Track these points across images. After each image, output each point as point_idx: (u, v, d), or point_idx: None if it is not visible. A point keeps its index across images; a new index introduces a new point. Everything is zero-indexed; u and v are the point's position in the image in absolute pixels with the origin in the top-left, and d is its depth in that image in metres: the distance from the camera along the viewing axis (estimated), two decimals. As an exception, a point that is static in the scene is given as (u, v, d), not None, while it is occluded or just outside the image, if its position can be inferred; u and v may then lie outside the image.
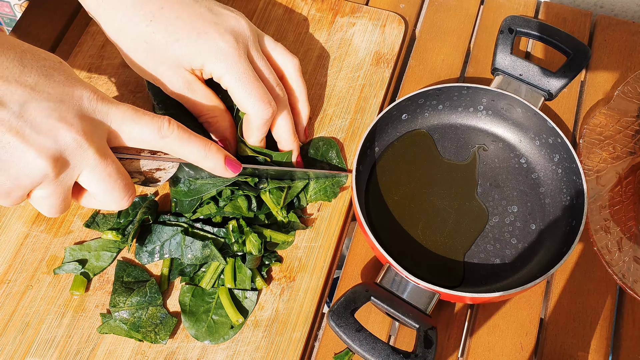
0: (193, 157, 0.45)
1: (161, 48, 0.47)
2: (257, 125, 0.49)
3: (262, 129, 0.50)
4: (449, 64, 0.62)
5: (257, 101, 0.47)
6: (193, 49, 0.47)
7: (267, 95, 0.48)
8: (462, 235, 0.52)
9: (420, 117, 0.56)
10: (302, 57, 0.61)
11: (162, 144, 0.43)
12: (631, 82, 0.57)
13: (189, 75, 0.49)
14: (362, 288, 0.46)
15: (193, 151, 0.45)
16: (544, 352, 0.49)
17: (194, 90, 0.50)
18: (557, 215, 0.52)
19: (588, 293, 0.51)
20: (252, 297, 0.49)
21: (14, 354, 0.47)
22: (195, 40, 0.47)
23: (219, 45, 0.47)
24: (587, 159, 0.54)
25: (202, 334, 0.48)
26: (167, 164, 0.47)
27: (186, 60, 0.48)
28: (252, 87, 0.47)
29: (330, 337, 0.50)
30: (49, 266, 0.51)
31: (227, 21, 0.48)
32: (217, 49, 0.47)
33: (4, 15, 0.76)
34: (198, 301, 0.49)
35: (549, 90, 0.54)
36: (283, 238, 0.51)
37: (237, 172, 0.47)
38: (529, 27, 0.56)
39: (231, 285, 0.49)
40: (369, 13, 0.63)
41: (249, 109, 0.48)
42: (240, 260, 0.49)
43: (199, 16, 0.48)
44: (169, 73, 0.49)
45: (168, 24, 0.47)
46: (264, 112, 0.48)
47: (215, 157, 0.46)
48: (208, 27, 0.47)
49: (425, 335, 0.43)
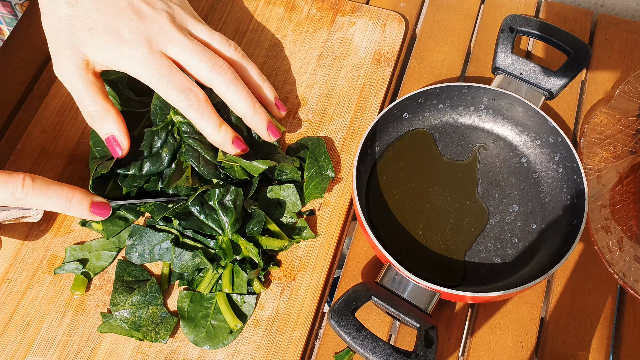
0: (56, 208, 0.46)
1: (70, 32, 0.47)
2: (192, 116, 0.49)
3: (202, 117, 0.49)
4: (450, 63, 0.62)
5: (176, 92, 0.47)
6: (102, 49, 0.47)
7: (185, 82, 0.48)
8: (463, 234, 0.52)
9: (421, 116, 0.56)
10: (302, 56, 0.61)
11: (21, 203, 0.45)
12: (632, 81, 0.57)
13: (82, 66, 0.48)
14: (363, 287, 0.46)
15: (54, 203, 0.46)
16: (544, 351, 0.49)
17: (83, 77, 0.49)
18: (557, 215, 0.52)
19: (589, 292, 0.51)
20: (250, 302, 0.49)
21: (15, 353, 0.47)
22: (105, 40, 0.47)
23: (128, 52, 0.47)
24: (588, 158, 0.54)
25: (201, 339, 0.47)
26: (31, 212, 0.47)
27: (91, 57, 0.48)
28: (168, 81, 0.47)
29: (331, 337, 0.50)
30: (49, 265, 0.51)
31: (144, 21, 0.48)
32: (127, 55, 0.47)
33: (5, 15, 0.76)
34: (196, 306, 0.49)
35: (550, 90, 0.54)
36: (279, 244, 0.51)
37: (105, 216, 0.48)
38: (529, 26, 0.56)
39: (229, 290, 0.48)
40: (370, 12, 0.63)
41: (174, 103, 0.48)
42: (237, 265, 0.49)
43: (118, 12, 0.48)
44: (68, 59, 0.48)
45: (87, 12, 0.47)
46: (186, 99, 0.48)
47: (79, 207, 0.47)
48: (122, 27, 0.47)
49: (425, 335, 0.43)
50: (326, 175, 0.53)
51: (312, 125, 0.57)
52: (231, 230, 0.49)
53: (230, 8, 0.64)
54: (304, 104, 0.58)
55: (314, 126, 0.57)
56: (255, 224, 0.50)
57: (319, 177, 0.53)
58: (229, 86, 0.49)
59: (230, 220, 0.49)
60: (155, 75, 0.47)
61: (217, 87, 0.50)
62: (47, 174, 0.54)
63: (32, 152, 0.55)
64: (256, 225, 0.50)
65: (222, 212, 0.49)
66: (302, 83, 0.59)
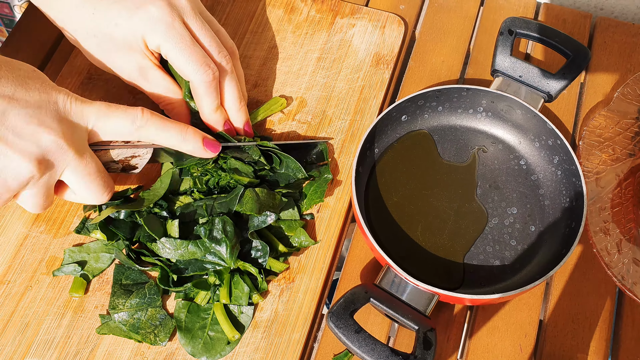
0: (171, 142, 0.47)
1: (107, 37, 0.48)
2: (202, 91, 0.49)
3: (209, 95, 0.50)
4: (449, 65, 0.62)
5: (196, 65, 0.48)
6: (131, 25, 0.47)
7: (206, 58, 0.48)
8: (462, 236, 0.52)
9: (420, 118, 0.57)
10: (301, 58, 0.61)
11: (138, 134, 0.46)
12: (631, 84, 0.57)
13: (142, 59, 0.49)
14: (362, 289, 0.46)
15: (171, 137, 0.47)
16: (543, 353, 0.49)
17: (147, 76, 0.50)
18: (556, 217, 0.52)
19: (587, 295, 0.51)
20: (248, 312, 0.49)
21: (14, 355, 0.47)
22: (131, 17, 0.47)
23: (151, 13, 0.47)
24: (587, 160, 0.54)
25: (198, 350, 0.47)
26: (141, 151, 0.48)
27: (131, 40, 0.48)
28: (190, 52, 0.48)
29: (330, 339, 0.50)
30: (48, 267, 0.51)
31: None
32: (150, 17, 0.47)
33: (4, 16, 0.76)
34: (194, 317, 0.48)
35: (549, 92, 0.54)
36: (280, 267, 0.50)
37: (216, 152, 0.49)
38: (528, 28, 0.56)
39: (226, 301, 0.48)
40: (369, 14, 0.63)
41: (189, 75, 0.49)
42: (237, 275, 0.49)
43: None
44: (121, 61, 0.49)
45: (107, 11, 0.48)
46: (204, 74, 0.48)
47: (194, 140, 0.48)
48: (140, 1, 0.48)
49: (424, 337, 0.43)
50: (325, 178, 0.53)
51: (311, 127, 0.57)
52: (231, 258, 0.48)
53: (230, 9, 0.64)
54: (303, 106, 0.58)
55: (313, 128, 0.57)
56: (261, 257, 0.50)
57: (318, 180, 0.53)
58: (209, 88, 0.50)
59: (227, 250, 0.48)
60: (180, 44, 0.48)
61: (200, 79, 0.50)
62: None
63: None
64: (262, 258, 0.49)
65: (215, 245, 0.48)
66: (301, 85, 0.59)
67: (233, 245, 0.48)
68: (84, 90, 0.58)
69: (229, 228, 0.48)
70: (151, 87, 0.51)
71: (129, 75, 0.51)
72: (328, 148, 0.55)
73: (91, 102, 0.45)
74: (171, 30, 0.47)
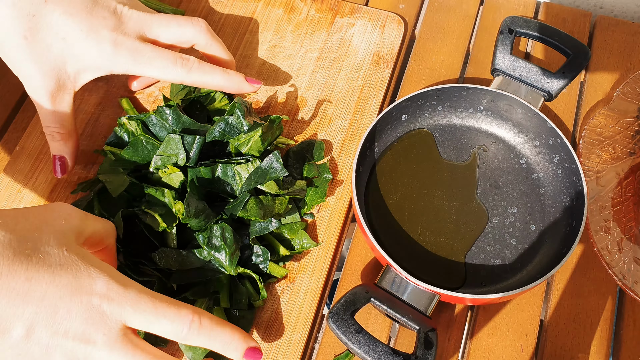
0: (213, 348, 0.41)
1: (43, 46, 0.46)
2: (197, 77, 0.50)
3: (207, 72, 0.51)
4: (449, 64, 0.62)
5: (172, 65, 0.49)
6: (83, 49, 0.47)
7: (172, 54, 0.49)
8: (462, 236, 0.52)
9: (420, 117, 0.56)
10: (301, 57, 0.61)
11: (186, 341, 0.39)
12: (631, 83, 0.57)
13: (64, 81, 0.48)
14: (362, 289, 0.46)
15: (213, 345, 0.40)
16: (544, 353, 0.49)
17: (60, 99, 0.49)
18: (557, 216, 0.52)
19: (588, 294, 0.51)
20: (248, 316, 0.48)
21: (13, 356, 0.47)
22: (85, 39, 0.46)
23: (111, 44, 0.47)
24: (587, 159, 0.54)
25: (199, 355, 0.46)
26: None
27: (76, 62, 0.47)
28: (159, 59, 0.48)
29: (330, 339, 0.50)
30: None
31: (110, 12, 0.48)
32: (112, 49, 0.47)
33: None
34: None
35: (549, 91, 0.54)
36: (281, 273, 0.50)
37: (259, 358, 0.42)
38: (528, 27, 0.56)
39: (226, 305, 0.48)
40: (369, 13, 0.63)
41: (175, 76, 0.49)
42: (237, 279, 0.49)
43: (85, 10, 0.47)
44: (41, 75, 0.47)
45: (52, 20, 0.46)
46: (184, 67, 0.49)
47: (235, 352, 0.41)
48: (97, 22, 0.47)
49: (425, 337, 0.43)
50: (325, 178, 0.53)
51: (311, 127, 0.57)
52: (231, 265, 0.47)
53: (229, 9, 0.64)
54: (303, 106, 0.58)
55: (313, 128, 0.57)
56: (262, 262, 0.49)
57: (318, 181, 0.53)
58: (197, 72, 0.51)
59: (227, 258, 0.47)
60: (144, 59, 0.48)
61: None
62: (45, 176, 0.54)
63: (31, 153, 0.55)
64: (262, 264, 0.49)
65: (215, 252, 0.48)
66: (301, 84, 0.59)
67: (232, 252, 0.47)
68: (84, 90, 0.58)
69: (228, 235, 0.47)
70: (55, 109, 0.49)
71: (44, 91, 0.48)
72: (325, 146, 0.55)
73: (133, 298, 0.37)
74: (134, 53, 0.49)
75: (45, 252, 0.35)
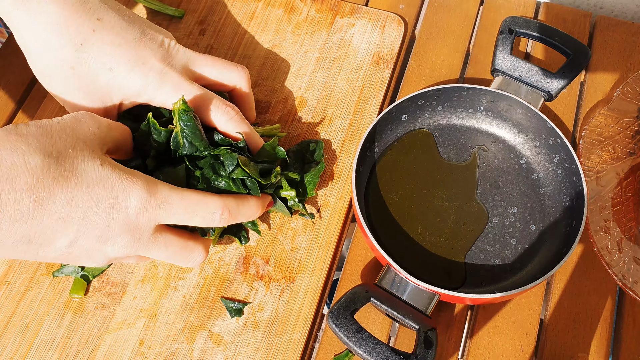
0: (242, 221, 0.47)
1: (90, 76, 0.46)
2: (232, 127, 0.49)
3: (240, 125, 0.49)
4: (449, 64, 0.62)
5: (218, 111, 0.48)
6: (129, 80, 0.46)
7: (220, 101, 0.48)
8: (462, 236, 0.52)
9: (420, 117, 0.56)
10: (301, 57, 0.61)
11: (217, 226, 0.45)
12: (631, 83, 0.57)
13: (110, 110, 0.48)
14: (362, 289, 0.46)
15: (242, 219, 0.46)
16: (544, 353, 0.49)
17: None
18: (557, 216, 0.52)
19: (588, 294, 0.51)
20: None
21: (14, 355, 0.47)
22: (131, 69, 0.46)
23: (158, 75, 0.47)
24: (587, 159, 0.54)
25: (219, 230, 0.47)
26: None
27: (120, 91, 0.47)
28: (207, 103, 0.47)
29: (330, 338, 0.50)
30: (48, 268, 0.51)
31: (157, 45, 0.48)
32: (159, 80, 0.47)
33: (4, 16, 0.76)
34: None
35: (549, 91, 0.54)
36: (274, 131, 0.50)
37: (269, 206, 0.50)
38: (528, 27, 0.56)
39: None
40: (369, 14, 0.63)
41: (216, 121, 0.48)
42: None
43: (134, 42, 0.46)
44: (88, 105, 0.47)
45: (100, 50, 0.45)
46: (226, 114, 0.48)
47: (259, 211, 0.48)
48: (145, 54, 0.47)
49: (425, 336, 0.43)
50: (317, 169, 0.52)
51: (311, 127, 0.57)
52: None
53: (229, 9, 0.64)
54: (303, 106, 0.58)
55: (313, 128, 0.57)
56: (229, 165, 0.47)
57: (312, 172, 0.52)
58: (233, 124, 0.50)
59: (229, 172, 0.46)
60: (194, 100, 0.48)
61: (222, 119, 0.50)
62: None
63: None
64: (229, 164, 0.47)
65: None
66: (301, 85, 0.59)
67: None
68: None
69: None
70: None
71: None
72: (325, 146, 0.55)
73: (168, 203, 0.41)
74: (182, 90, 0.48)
75: (82, 170, 0.38)
